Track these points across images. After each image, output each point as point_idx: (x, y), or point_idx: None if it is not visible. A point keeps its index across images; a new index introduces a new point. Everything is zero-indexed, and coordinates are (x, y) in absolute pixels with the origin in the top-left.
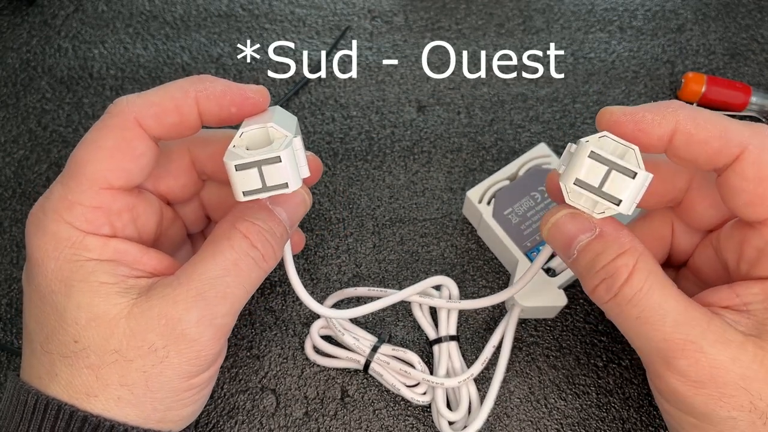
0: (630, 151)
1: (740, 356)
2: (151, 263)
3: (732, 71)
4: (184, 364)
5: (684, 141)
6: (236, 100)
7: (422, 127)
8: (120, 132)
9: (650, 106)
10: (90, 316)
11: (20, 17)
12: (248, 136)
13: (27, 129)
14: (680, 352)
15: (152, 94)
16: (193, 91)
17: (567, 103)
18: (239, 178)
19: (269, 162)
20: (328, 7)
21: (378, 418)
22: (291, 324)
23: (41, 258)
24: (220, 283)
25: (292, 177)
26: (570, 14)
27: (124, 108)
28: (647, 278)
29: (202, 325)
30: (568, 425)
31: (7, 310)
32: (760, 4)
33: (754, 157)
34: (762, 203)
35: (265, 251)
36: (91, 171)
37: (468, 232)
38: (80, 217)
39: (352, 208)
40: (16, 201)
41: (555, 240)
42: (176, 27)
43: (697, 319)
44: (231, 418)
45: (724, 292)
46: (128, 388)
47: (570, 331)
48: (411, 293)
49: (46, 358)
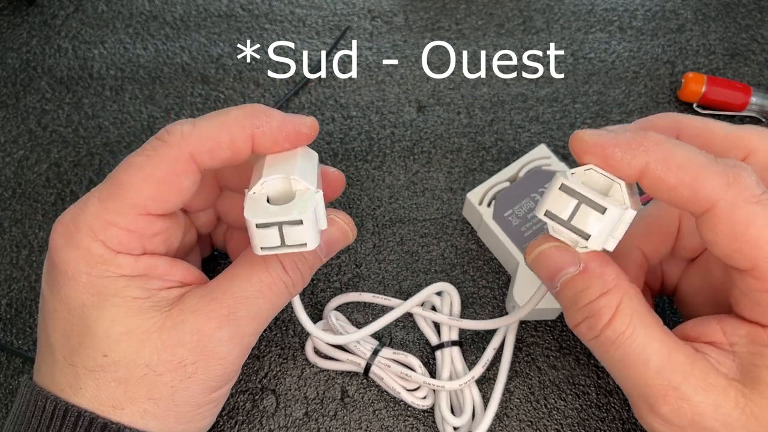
0: (616, 185)
1: (723, 402)
2: (179, 274)
3: (732, 71)
4: (210, 380)
5: (652, 183)
6: (291, 136)
7: (422, 127)
8: (172, 164)
9: (623, 140)
10: (122, 330)
11: (20, 17)
12: (269, 185)
13: (27, 129)
14: (662, 399)
15: (208, 127)
16: (250, 126)
17: (567, 103)
18: (259, 235)
19: (290, 224)
20: (328, 7)
21: (378, 419)
22: (291, 324)
23: (73, 272)
24: (253, 304)
25: (311, 237)
26: (570, 14)
27: (180, 140)
28: (631, 320)
29: (232, 343)
30: (568, 425)
31: (7, 310)
32: (760, 4)
33: (725, 213)
34: (740, 257)
35: (295, 278)
36: (133, 196)
37: (468, 232)
38: (114, 239)
39: (352, 208)
40: (16, 201)
41: (539, 270)
42: (176, 27)
43: (681, 363)
44: (231, 418)
45: (712, 327)
46: (155, 401)
47: (570, 331)
48: (413, 304)
49: (69, 371)
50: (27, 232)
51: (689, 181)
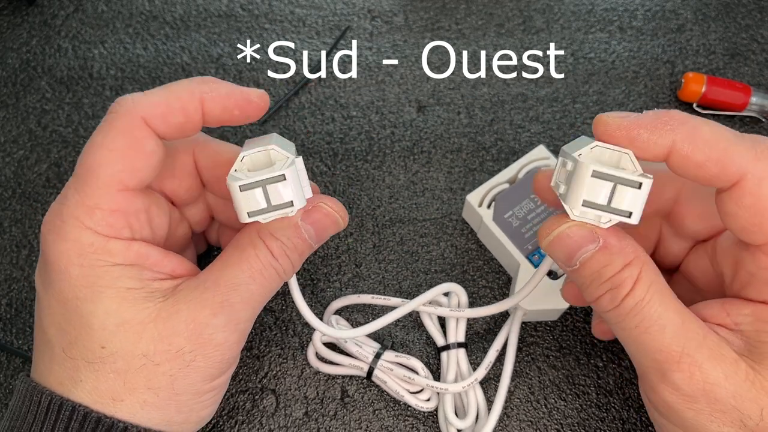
0: (624, 156)
1: (733, 374)
2: (171, 265)
3: (732, 71)
4: (209, 368)
5: (679, 161)
6: (239, 102)
7: (422, 127)
8: (129, 132)
9: (647, 121)
10: (118, 321)
11: (20, 17)
12: (249, 159)
13: (27, 129)
14: (676, 365)
15: (158, 94)
16: (198, 92)
17: (567, 103)
18: (244, 198)
19: (274, 181)
20: (328, 7)
21: (378, 419)
22: (291, 324)
23: (64, 265)
24: (245, 290)
25: (296, 195)
26: (570, 14)
27: (130, 108)
28: (649, 288)
29: (228, 329)
30: (568, 425)
31: (7, 310)
32: (760, 4)
33: (751, 186)
34: (758, 231)
35: (285, 266)
36: (105, 174)
37: (468, 232)
38: (101, 222)
39: (352, 208)
40: (16, 201)
41: (557, 251)
42: (176, 27)
43: (694, 332)
44: (231, 418)
45: (716, 309)
46: (154, 391)
47: (570, 331)
48: (419, 303)
49: (69, 364)
50: (27, 232)
51: (717, 157)
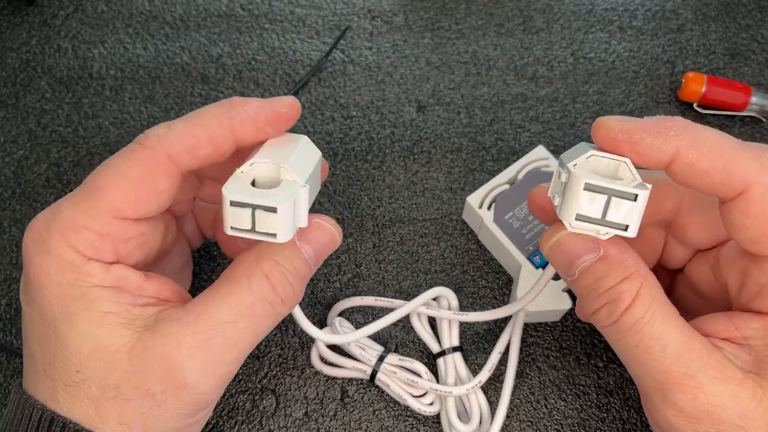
0: (622, 164)
1: (739, 394)
2: (153, 288)
3: (732, 71)
4: (182, 409)
5: (683, 169)
6: (271, 119)
7: (422, 127)
8: (148, 166)
9: (651, 125)
10: (93, 346)
11: (20, 17)
12: (258, 168)
13: (26, 129)
14: (678, 386)
15: (184, 127)
16: (226, 119)
17: (567, 103)
18: (231, 213)
19: (265, 209)
20: (328, 7)
21: (378, 419)
22: (291, 324)
23: (44, 281)
24: (231, 329)
25: (283, 229)
26: (570, 14)
27: (155, 143)
28: (650, 305)
29: (205, 374)
30: (568, 426)
31: (7, 310)
32: (760, 4)
33: (759, 196)
34: (767, 241)
35: (285, 294)
36: (108, 198)
37: (468, 232)
38: (85, 242)
39: (351, 208)
40: (16, 201)
41: (556, 259)
42: (176, 27)
43: (698, 352)
44: (231, 418)
45: (723, 324)
46: (127, 426)
47: (570, 331)
48: (412, 307)
49: (49, 384)
50: None
51: (722, 165)
